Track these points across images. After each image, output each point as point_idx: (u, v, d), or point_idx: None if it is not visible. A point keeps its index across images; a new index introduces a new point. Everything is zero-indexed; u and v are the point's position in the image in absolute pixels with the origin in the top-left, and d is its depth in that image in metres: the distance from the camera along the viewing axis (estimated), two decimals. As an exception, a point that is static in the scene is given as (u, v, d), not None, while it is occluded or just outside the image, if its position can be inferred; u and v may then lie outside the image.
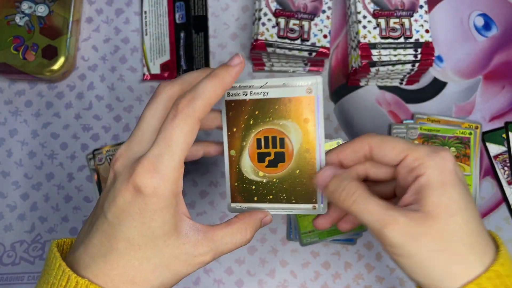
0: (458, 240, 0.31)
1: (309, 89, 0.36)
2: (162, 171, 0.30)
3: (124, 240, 0.31)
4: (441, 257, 0.31)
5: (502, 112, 0.56)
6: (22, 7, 0.55)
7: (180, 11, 0.58)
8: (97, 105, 0.57)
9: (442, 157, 0.32)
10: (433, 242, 0.31)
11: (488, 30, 0.58)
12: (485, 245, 0.31)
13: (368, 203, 0.32)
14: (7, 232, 0.54)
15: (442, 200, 0.31)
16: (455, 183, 0.31)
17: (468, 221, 0.31)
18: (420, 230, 0.31)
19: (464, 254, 0.31)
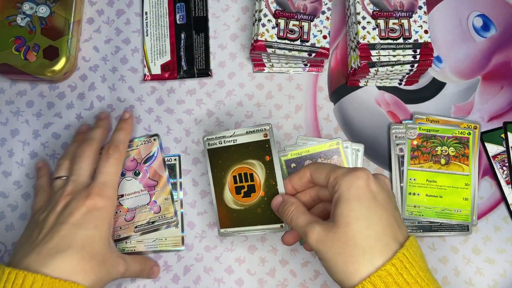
0: (353, 245, 0.37)
1: (265, 134, 0.47)
2: (107, 193, 0.45)
3: (81, 239, 0.41)
4: (340, 259, 0.37)
5: (501, 112, 0.57)
6: (23, 8, 0.55)
7: (180, 12, 0.58)
8: (98, 106, 0.57)
9: (354, 175, 0.39)
10: (335, 246, 0.38)
11: (486, 31, 0.59)
12: (381, 249, 0.37)
13: (298, 218, 0.42)
14: (9, 232, 0.54)
15: (343, 211, 0.38)
16: (359, 196, 0.38)
17: (364, 228, 0.37)
18: (327, 237, 0.38)
19: (356, 256, 0.37)
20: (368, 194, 0.38)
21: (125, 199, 0.52)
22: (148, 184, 0.52)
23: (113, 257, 0.44)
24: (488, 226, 0.54)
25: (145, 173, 0.53)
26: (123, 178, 0.52)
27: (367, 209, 0.38)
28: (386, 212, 0.39)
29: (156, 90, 0.57)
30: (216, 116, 0.56)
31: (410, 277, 0.36)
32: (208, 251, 0.53)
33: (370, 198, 0.38)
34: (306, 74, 0.57)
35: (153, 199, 0.52)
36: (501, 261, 0.53)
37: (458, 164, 0.54)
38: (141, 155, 0.53)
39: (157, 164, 0.53)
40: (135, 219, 0.51)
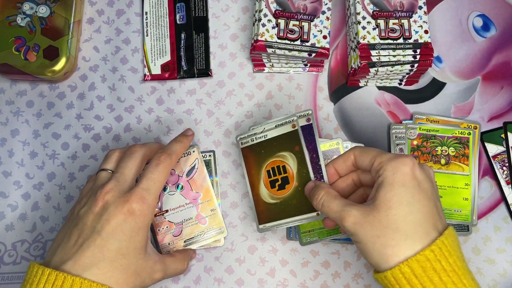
0: (394, 229, 0.37)
1: (293, 125, 0.48)
2: (148, 200, 0.43)
3: (115, 251, 0.41)
4: (378, 242, 0.38)
5: (501, 112, 0.57)
6: (23, 8, 0.55)
7: (180, 12, 0.58)
8: (98, 106, 0.57)
9: (401, 161, 0.39)
10: (374, 229, 0.38)
11: (487, 31, 0.59)
12: (421, 235, 0.37)
13: (330, 203, 0.42)
14: (8, 232, 0.54)
15: (387, 195, 0.38)
16: (404, 182, 0.39)
17: (407, 214, 0.38)
18: (366, 219, 0.38)
19: (397, 240, 0.37)
20: (413, 181, 0.39)
21: (170, 214, 0.51)
22: (192, 196, 0.51)
23: (149, 266, 0.43)
24: (488, 226, 0.54)
25: (187, 186, 0.52)
26: (166, 193, 0.51)
27: (411, 195, 0.38)
28: (429, 201, 0.39)
29: (156, 90, 0.57)
30: (216, 116, 0.56)
31: (447, 264, 0.37)
32: (208, 251, 0.53)
33: (415, 185, 0.39)
34: (306, 74, 0.57)
35: (199, 211, 0.51)
36: (501, 261, 0.53)
37: (458, 164, 0.54)
38: (181, 168, 0.52)
39: (199, 175, 0.52)
40: (182, 233, 0.50)
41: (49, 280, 0.38)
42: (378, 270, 0.39)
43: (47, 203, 0.55)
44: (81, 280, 0.38)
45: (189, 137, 0.50)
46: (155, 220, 0.50)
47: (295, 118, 0.48)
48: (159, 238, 0.50)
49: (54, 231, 0.54)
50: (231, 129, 0.56)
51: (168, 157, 0.46)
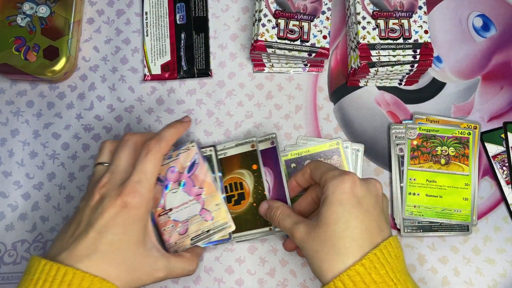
0: (330, 245, 0.40)
1: (252, 145, 0.52)
2: (141, 192, 0.42)
3: (108, 244, 0.40)
4: (317, 256, 0.40)
5: (501, 113, 0.57)
6: (23, 8, 0.55)
7: (180, 12, 0.58)
8: (98, 106, 0.57)
9: (340, 179, 0.41)
10: (315, 244, 0.40)
11: (486, 31, 0.59)
12: (354, 250, 0.39)
13: (284, 220, 0.45)
14: (9, 232, 0.54)
15: (326, 213, 0.41)
16: (342, 201, 0.41)
17: (342, 230, 0.40)
18: (310, 235, 0.41)
19: (332, 255, 0.39)
20: (352, 198, 0.41)
21: (175, 212, 0.49)
22: (196, 192, 0.50)
23: (148, 263, 0.42)
24: (488, 226, 0.54)
25: (189, 182, 0.50)
26: (168, 191, 0.49)
27: (348, 213, 0.40)
28: (368, 217, 0.41)
29: (156, 90, 0.57)
30: (216, 116, 0.56)
31: (378, 276, 0.38)
32: (208, 251, 0.53)
33: (354, 203, 0.41)
34: (306, 74, 0.58)
35: (204, 207, 0.49)
36: (501, 261, 0.53)
37: (458, 164, 0.54)
38: (182, 164, 0.50)
39: (200, 170, 0.50)
40: (189, 231, 0.49)
41: (44, 270, 0.38)
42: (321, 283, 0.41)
43: (47, 203, 0.55)
44: (74, 270, 0.38)
45: (184, 124, 0.48)
46: (159, 220, 0.49)
47: (255, 139, 0.52)
48: (165, 238, 0.49)
49: (54, 231, 0.54)
50: (231, 129, 0.56)
51: (157, 143, 0.44)
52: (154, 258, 0.43)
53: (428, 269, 0.53)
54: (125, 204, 0.41)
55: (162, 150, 0.45)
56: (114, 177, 0.43)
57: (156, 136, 0.45)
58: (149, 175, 0.43)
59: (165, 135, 0.46)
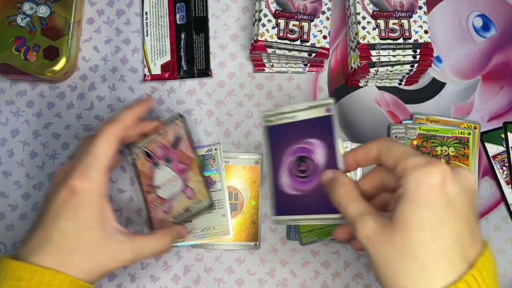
0: (410, 256, 0.31)
1: (256, 161, 0.53)
2: (90, 176, 0.40)
3: (59, 232, 0.39)
4: (390, 268, 0.32)
5: (501, 113, 0.57)
6: (23, 8, 0.55)
7: (180, 12, 0.58)
8: (98, 106, 0.57)
9: (427, 171, 0.32)
10: (387, 252, 0.32)
11: (486, 31, 0.59)
12: (444, 268, 0.31)
13: (348, 205, 0.35)
14: (9, 232, 0.54)
15: (406, 214, 0.32)
16: (429, 201, 0.31)
17: (428, 240, 0.31)
18: (381, 237, 0.32)
19: (413, 271, 0.31)
20: (442, 198, 0.31)
21: (161, 189, 0.49)
22: (179, 168, 0.49)
23: (110, 247, 0.40)
24: (488, 226, 0.54)
25: (175, 157, 0.49)
26: (157, 168, 0.49)
27: (437, 217, 0.31)
28: (461, 222, 0.32)
29: (156, 90, 0.57)
30: (216, 116, 0.56)
31: None
32: (208, 251, 0.53)
33: (443, 204, 0.31)
34: (306, 74, 0.58)
35: (187, 183, 0.48)
36: (501, 261, 0.53)
37: (458, 164, 0.54)
38: (169, 139, 0.49)
39: (185, 145, 0.49)
40: (172, 209, 0.48)
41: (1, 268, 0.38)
42: None
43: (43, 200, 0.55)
44: (24, 265, 0.37)
45: (143, 103, 0.46)
46: (148, 197, 0.49)
47: (332, 102, 0.40)
48: (152, 215, 0.48)
49: (54, 231, 0.54)
50: (231, 129, 0.56)
51: (109, 125, 0.43)
52: (116, 241, 0.41)
53: (428, 269, 0.53)
54: (74, 189, 0.40)
55: (116, 132, 0.43)
56: (70, 164, 0.42)
57: (110, 117, 0.44)
58: (100, 158, 0.41)
59: (120, 117, 0.44)
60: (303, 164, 0.41)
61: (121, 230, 0.42)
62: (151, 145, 0.49)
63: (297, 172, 0.42)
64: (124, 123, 0.44)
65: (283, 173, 0.42)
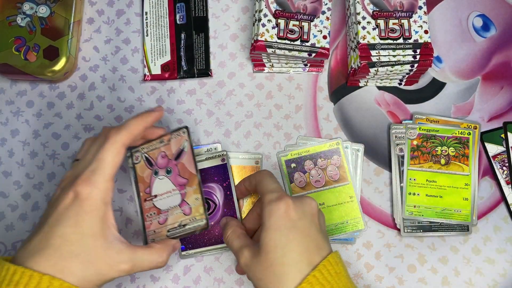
0: (271, 272, 0.40)
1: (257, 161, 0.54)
2: (95, 182, 0.40)
3: (59, 237, 0.38)
4: (261, 283, 0.40)
5: (501, 113, 0.57)
6: (23, 8, 0.55)
7: (180, 12, 0.58)
8: (98, 106, 0.57)
9: (275, 205, 0.42)
10: (257, 271, 0.41)
11: (486, 31, 0.59)
12: (295, 275, 0.39)
13: (233, 241, 0.45)
14: (9, 232, 0.54)
15: (265, 239, 0.41)
16: (279, 226, 0.41)
17: (281, 256, 0.40)
18: (253, 261, 0.41)
19: (274, 283, 0.39)
20: (287, 223, 0.41)
21: (158, 199, 0.47)
22: (179, 182, 0.47)
23: (109, 256, 0.40)
24: (488, 226, 0.54)
25: (175, 170, 0.48)
26: (156, 177, 0.48)
27: (285, 237, 0.40)
28: (305, 238, 0.41)
29: (156, 90, 0.57)
30: (216, 116, 0.56)
31: None
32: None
33: (289, 227, 0.41)
34: (306, 74, 0.58)
35: (185, 199, 0.47)
36: (501, 261, 0.53)
37: (458, 164, 0.54)
38: (171, 150, 0.48)
39: (187, 159, 0.47)
40: (167, 221, 0.47)
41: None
42: None
43: (47, 203, 0.55)
44: (22, 269, 0.37)
45: (153, 113, 0.46)
46: (144, 205, 0.48)
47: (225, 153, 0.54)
48: (147, 224, 0.47)
49: (54, 231, 0.54)
50: (231, 129, 0.56)
51: (116, 132, 0.42)
52: (116, 251, 0.40)
53: (428, 269, 0.53)
54: (77, 195, 0.39)
55: (123, 139, 0.42)
56: (76, 171, 0.42)
57: (118, 125, 0.44)
58: (106, 165, 0.41)
59: (128, 125, 0.43)
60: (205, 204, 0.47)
61: (121, 240, 0.42)
62: (152, 152, 0.48)
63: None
64: (133, 132, 0.43)
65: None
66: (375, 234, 0.54)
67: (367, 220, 0.54)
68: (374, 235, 0.54)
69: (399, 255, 0.53)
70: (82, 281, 0.38)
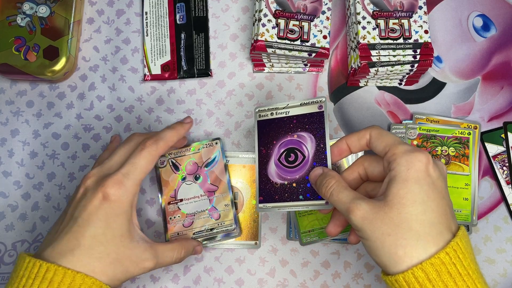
0: (406, 228, 0.35)
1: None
2: (126, 185, 0.42)
3: (90, 237, 0.40)
4: (388, 240, 0.35)
5: (501, 113, 0.57)
6: (23, 8, 0.55)
7: (180, 12, 0.58)
8: (98, 106, 0.57)
9: (415, 156, 0.37)
10: (385, 226, 0.35)
11: (487, 31, 0.59)
12: (435, 236, 0.35)
13: (340, 194, 0.39)
14: (9, 232, 0.54)
15: (400, 192, 0.36)
16: (419, 179, 0.36)
17: (421, 213, 0.35)
18: (376, 215, 0.36)
19: (409, 240, 0.35)
20: (428, 178, 0.36)
21: (184, 203, 0.51)
22: (209, 189, 0.51)
23: (135, 254, 0.42)
24: (488, 226, 0.54)
25: (205, 177, 0.51)
26: (183, 182, 0.51)
27: (426, 193, 0.36)
28: (443, 200, 0.37)
29: (156, 90, 0.57)
30: (216, 116, 0.56)
31: (462, 268, 0.35)
32: (208, 251, 0.53)
33: (429, 183, 0.36)
34: (306, 74, 0.58)
35: (213, 204, 0.50)
36: (501, 261, 0.53)
37: (458, 164, 0.54)
38: (202, 159, 0.52)
39: (218, 168, 0.52)
40: (193, 225, 0.50)
41: (28, 268, 0.38)
42: (387, 272, 0.36)
43: (47, 203, 0.55)
44: (55, 267, 0.38)
45: (185, 125, 0.48)
46: (168, 208, 0.50)
47: (323, 99, 0.45)
48: (169, 227, 0.50)
49: (54, 231, 0.54)
50: (231, 129, 0.56)
51: (154, 142, 0.44)
52: (141, 249, 0.42)
53: (428, 269, 0.53)
54: (107, 196, 0.41)
55: (159, 150, 0.44)
56: (102, 171, 0.43)
57: (154, 135, 0.45)
58: (139, 170, 0.43)
59: (165, 136, 0.46)
60: (292, 154, 0.44)
61: (145, 239, 0.44)
62: (180, 158, 0.52)
63: (285, 162, 0.45)
64: (168, 143, 0.46)
65: (272, 163, 0.45)
66: (375, 234, 0.54)
67: (367, 220, 0.54)
68: (374, 235, 0.54)
69: (399, 255, 0.53)
70: (112, 279, 0.40)
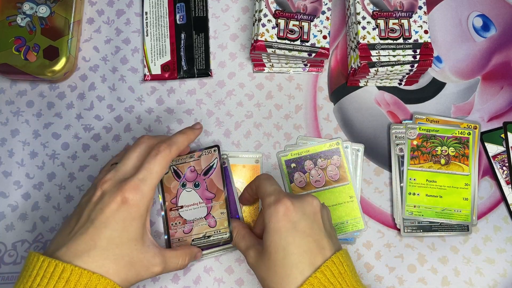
0: (273, 272, 0.41)
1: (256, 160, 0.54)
2: (143, 190, 0.43)
3: (106, 239, 0.41)
4: (266, 283, 0.42)
5: (501, 113, 0.57)
6: (23, 8, 0.55)
7: (180, 12, 0.58)
8: (98, 106, 0.57)
9: (275, 208, 0.42)
10: (263, 271, 0.42)
11: (486, 31, 0.59)
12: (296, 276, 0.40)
13: (239, 242, 0.48)
14: (9, 232, 0.54)
15: (267, 242, 0.42)
16: (279, 229, 0.41)
17: (282, 258, 0.41)
18: (258, 262, 0.43)
19: (276, 283, 0.41)
20: (287, 225, 0.41)
21: (184, 210, 0.51)
22: (206, 196, 0.51)
23: (146, 259, 0.43)
24: (488, 226, 0.54)
25: (203, 185, 0.52)
26: (184, 189, 0.52)
27: (284, 240, 0.41)
28: (306, 239, 0.41)
29: (156, 90, 0.57)
30: (216, 116, 0.56)
31: None
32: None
33: (289, 229, 0.41)
34: (306, 74, 0.58)
35: (210, 212, 0.51)
36: (501, 261, 0.53)
37: (458, 164, 0.54)
38: (201, 166, 0.52)
39: (215, 176, 0.52)
40: (192, 231, 0.50)
41: (42, 267, 0.39)
42: None
43: (47, 203, 0.55)
44: (71, 267, 0.38)
45: (195, 131, 0.49)
46: (170, 214, 0.51)
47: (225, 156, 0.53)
48: (171, 232, 0.51)
49: (54, 231, 0.54)
50: (231, 129, 0.56)
51: (168, 147, 0.45)
52: (151, 254, 0.44)
53: (428, 269, 0.53)
54: (126, 200, 0.42)
55: (172, 155, 0.46)
56: (118, 175, 0.44)
57: (168, 140, 0.46)
58: (154, 175, 0.44)
59: (178, 141, 0.47)
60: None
61: (155, 244, 0.45)
62: (181, 165, 0.52)
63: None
64: (180, 148, 0.47)
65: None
66: (375, 234, 0.54)
67: (367, 220, 0.54)
68: (374, 235, 0.54)
69: (399, 255, 0.53)
70: (124, 281, 0.41)
